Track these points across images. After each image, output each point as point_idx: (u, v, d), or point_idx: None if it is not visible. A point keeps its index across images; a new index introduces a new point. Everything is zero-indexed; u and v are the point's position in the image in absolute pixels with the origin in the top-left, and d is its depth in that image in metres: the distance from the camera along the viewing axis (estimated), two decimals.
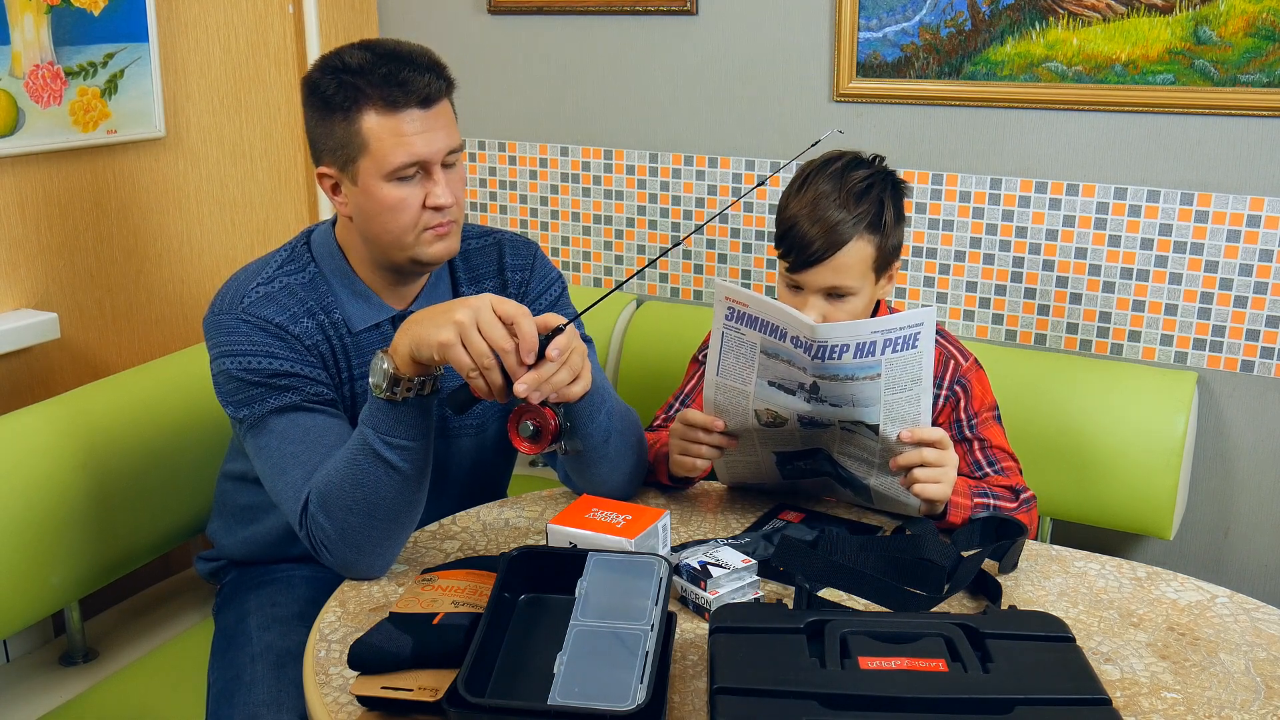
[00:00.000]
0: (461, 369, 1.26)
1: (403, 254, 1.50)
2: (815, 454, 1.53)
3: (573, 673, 1.08)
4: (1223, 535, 2.11)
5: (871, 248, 1.56)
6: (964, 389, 1.63)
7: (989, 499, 1.54)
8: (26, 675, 1.81)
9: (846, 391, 1.40)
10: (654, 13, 2.38)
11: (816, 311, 1.57)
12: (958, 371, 1.64)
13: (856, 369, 1.38)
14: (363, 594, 1.37)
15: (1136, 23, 1.96)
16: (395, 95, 1.42)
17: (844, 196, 1.55)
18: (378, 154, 1.44)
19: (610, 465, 1.52)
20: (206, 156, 2.35)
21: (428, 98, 1.44)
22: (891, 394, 1.40)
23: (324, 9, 2.53)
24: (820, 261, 1.55)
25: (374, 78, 1.43)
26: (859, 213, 1.55)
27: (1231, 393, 2.04)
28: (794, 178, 1.62)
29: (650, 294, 2.54)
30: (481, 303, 1.27)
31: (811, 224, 1.54)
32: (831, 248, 1.54)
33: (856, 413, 1.42)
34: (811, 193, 1.56)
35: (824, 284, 1.56)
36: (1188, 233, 2.01)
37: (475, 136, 2.66)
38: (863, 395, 1.40)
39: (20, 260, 2.02)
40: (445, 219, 1.48)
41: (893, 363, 1.38)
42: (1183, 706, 1.15)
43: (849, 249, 1.54)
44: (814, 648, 1.13)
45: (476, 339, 1.25)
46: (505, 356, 1.26)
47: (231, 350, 1.47)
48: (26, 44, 1.96)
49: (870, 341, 1.36)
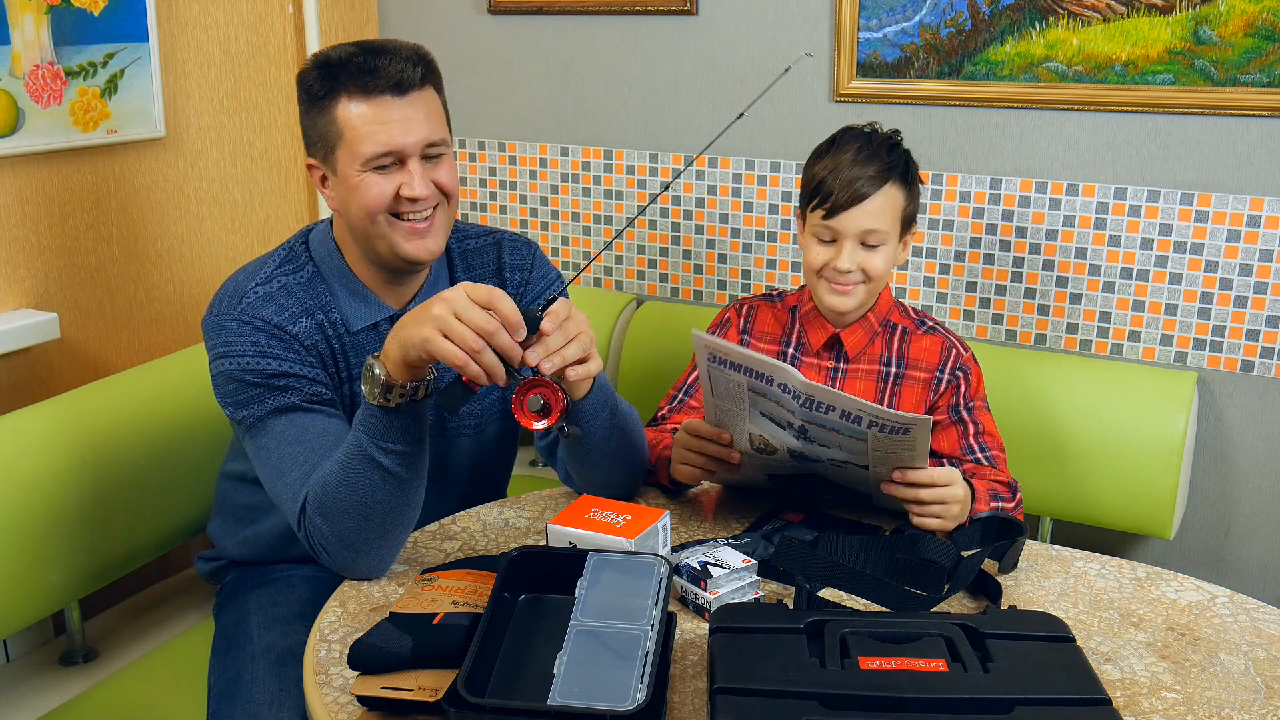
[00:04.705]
0: (451, 360, 1.25)
1: (383, 244, 1.49)
2: (810, 479, 1.54)
3: (573, 673, 1.08)
4: (1223, 535, 2.11)
5: (902, 196, 1.65)
6: (964, 375, 1.69)
7: (999, 502, 1.58)
8: (26, 675, 1.81)
9: (833, 439, 1.42)
10: (654, 13, 2.38)
11: (851, 260, 1.63)
12: (959, 360, 1.70)
13: (842, 428, 1.40)
14: (363, 594, 1.37)
15: (1136, 23, 1.96)
16: (368, 82, 1.43)
17: (875, 148, 1.65)
18: (351, 142, 1.44)
19: (613, 463, 1.52)
20: (206, 156, 2.35)
21: (400, 83, 1.43)
22: (879, 453, 1.41)
23: (324, 9, 2.53)
24: (861, 200, 1.61)
25: (350, 67, 1.44)
26: (891, 160, 1.64)
27: (1231, 393, 2.04)
28: (819, 146, 1.71)
29: (650, 294, 2.54)
30: (455, 293, 1.26)
31: (850, 168, 1.62)
32: (872, 185, 1.62)
33: (844, 456, 1.43)
34: (843, 149, 1.66)
35: (861, 228, 1.63)
36: (1188, 233, 2.01)
37: (475, 136, 2.66)
38: (849, 445, 1.42)
39: (20, 260, 2.02)
40: (418, 210, 1.47)
41: (879, 439, 1.39)
42: (1183, 706, 1.15)
43: (885, 190, 1.63)
44: (814, 648, 1.13)
45: (458, 327, 1.24)
46: (492, 338, 1.24)
47: (230, 351, 1.47)
48: (26, 44, 1.95)
49: (858, 415, 1.37)
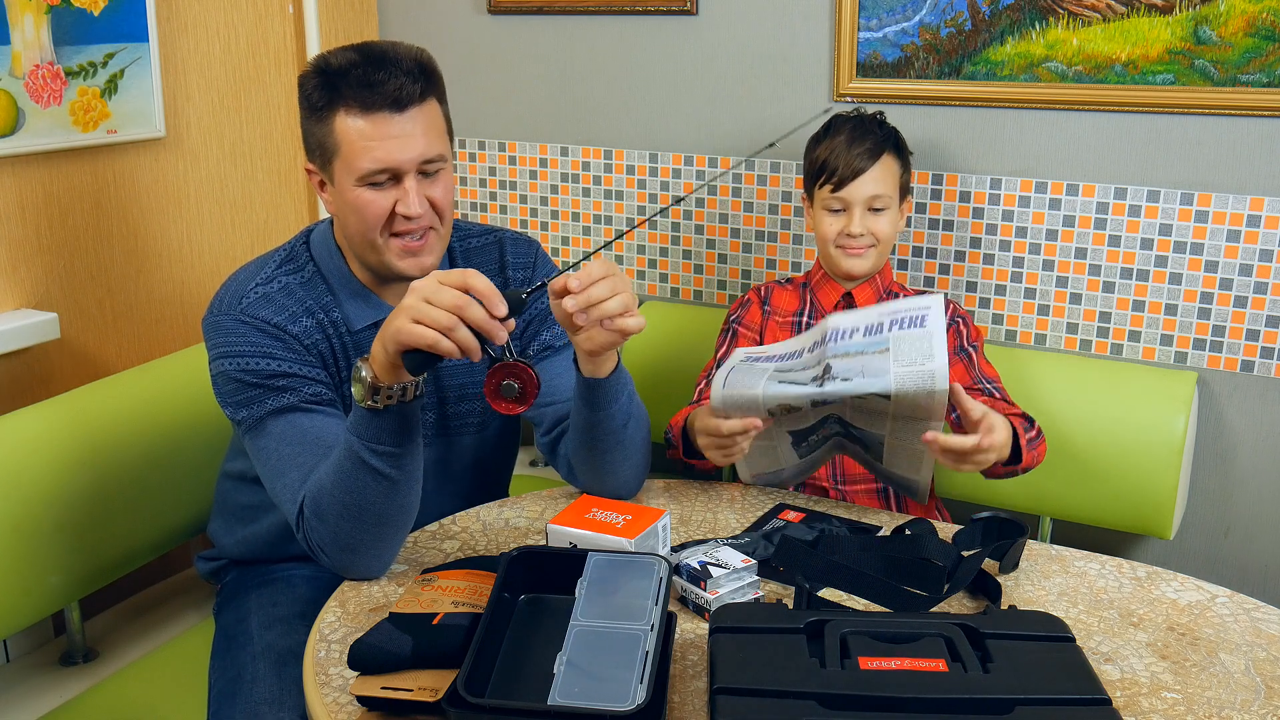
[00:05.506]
0: (420, 341, 1.23)
1: (376, 258, 1.49)
2: (827, 420, 1.55)
3: (573, 673, 1.08)
4: (1223, 535, 2.11)
5: (897, 165, 1.87)
6: (964, 321, 1.89)
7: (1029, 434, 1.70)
8: (26, 675, 1.81)
9: (856, 365, 1.46)
10: (654, 13, 2.38)
11: (862, 225, 1.82)
12: (957, 310, 1.91)
13: (866, 345, 1.47)
14: (363, 594, 1.37)
15: (1136, 23, 1.96)
16: (366, 97, 1.40)
17: (867, 126, 1.86)
18: (348, 157, 1.43)
19: (624, 453, 1.52)
20: (206, 156, 2.35)
21: (399, 100, 1.41)
22: (900, 367, 1.42)
23: (324, 9, 2.53)
24: (864, 171, 1.82)
25: (350, 79, 1.41)
26: (883, 135, 1.86)
27: (1231, 393, 2.04)
28: (814, 134, 1.92)
29: (650, 294, 2.54)
30: (425, 280, 1.25)
31: (850, 144, 1.83)
32: (871, 157, 1.82)
33: (867, 384, 1.44)
34: (838, 132, 1.86)
35: (867, 194, 1.82)
36: (1188, 233, 2.01)
37: (475, 136, 2.66)
38: (872, 366, 1.44)
39: (20, 260, 2.02)
40: (414, 228, 1.46)
41: (900, 339, 1.45)
42: (1183, 706, 1.15)
43: (883, 160, 1.83)
44: (814, 648, 1.13)
45: (428, 310, 1.23)
46: (464, 311, 1.22)
47: (230, 351, 1.47)
48: (26, 44, 1.95)
49: (879, 323, 1.49)
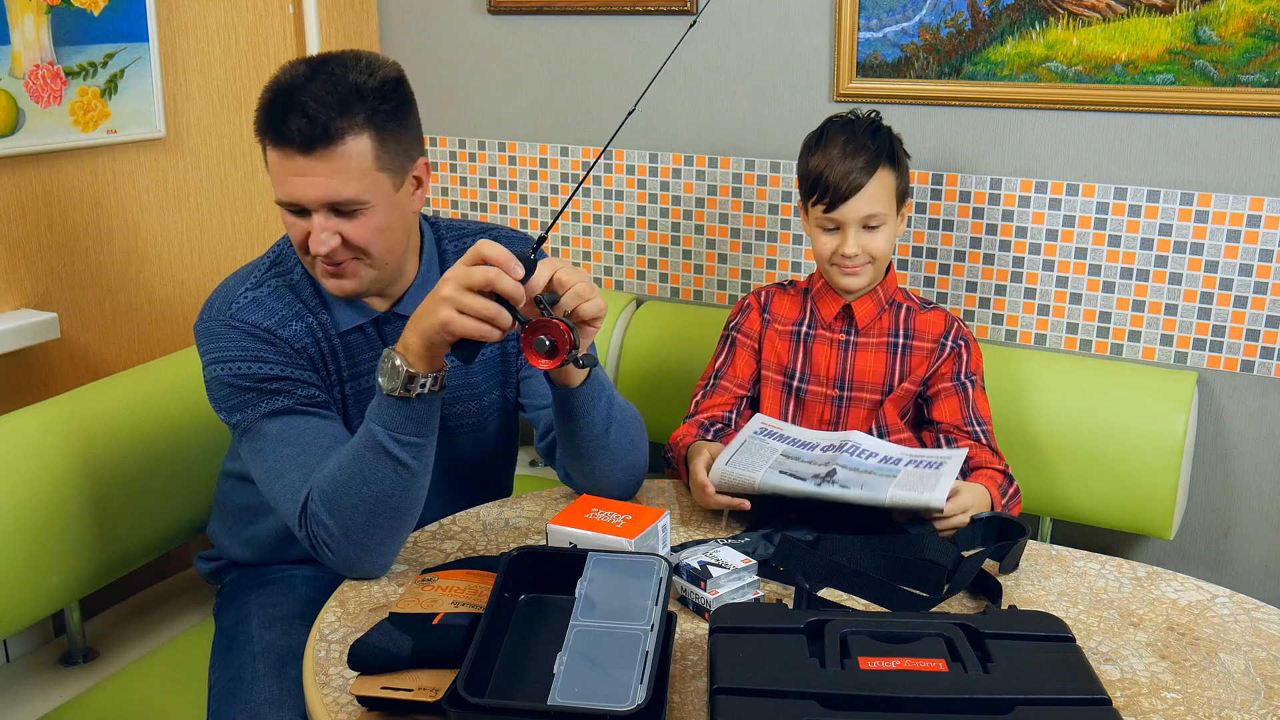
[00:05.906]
0: (474, 333, 1.27)
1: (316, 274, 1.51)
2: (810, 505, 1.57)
3: (573, 673, 1.08)
4: (1223, 535, 2.11)
5: (893, 177, 1.76)
6: (965, 345, 1.79)
7: (1005, 498, 1.66)
8: (26, 675, 1.81)
9: (860, 479, 1.49)
10: (654, 13, 2.38)
11: (856, 244, 1.73)
12: (960, 331, 1.81)
13: (877, 469, 1.53)
14: (363, 594, 1.37)
15: (1136, 23, 1.96)
16: (276, 131, 1.40)
17: (860, 138, 1.75)
18: (273, 180, 1.44)
19: (610, 458, 1.52)
20: (206, 156, 2.35)
21: (306, 140, 1.37)
22: (899, 490, 1.47)
23: (324, 9, 2.53)
24: (857, 191, 1.71)
25: (268, 110, 1.40)
26: (877, 146, 1.74)
27: (1231, 393, 2.04)
28: (807, 140, 1.81)
29: (650, 294, 2.54)
30: (452, 271, 1.28)
31: (842, 162, 1.72)
32: (864, 174, 1.72)
33: (863, 495, 1.47)
34: (830, 143, 1.76)
35: (861, 214, 1.73)
36: (1188, 233, 2.01)
37: (475, 136, 2.66)
38: (873, 483, 1.48)
39: (20, 260, 2.02)
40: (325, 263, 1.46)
41: (910, 472, 1.51)
42: (1183, 706, 1.15)
43: (878, 176, 1.73)
44: (814, 648, 1.13)
45: (470, 299, 1.26)
46: (496, 284, 1.26)
47: (221, 356, 1.47)
48: (26, 44, 1.95)
49: (898, 457, 1.55)
